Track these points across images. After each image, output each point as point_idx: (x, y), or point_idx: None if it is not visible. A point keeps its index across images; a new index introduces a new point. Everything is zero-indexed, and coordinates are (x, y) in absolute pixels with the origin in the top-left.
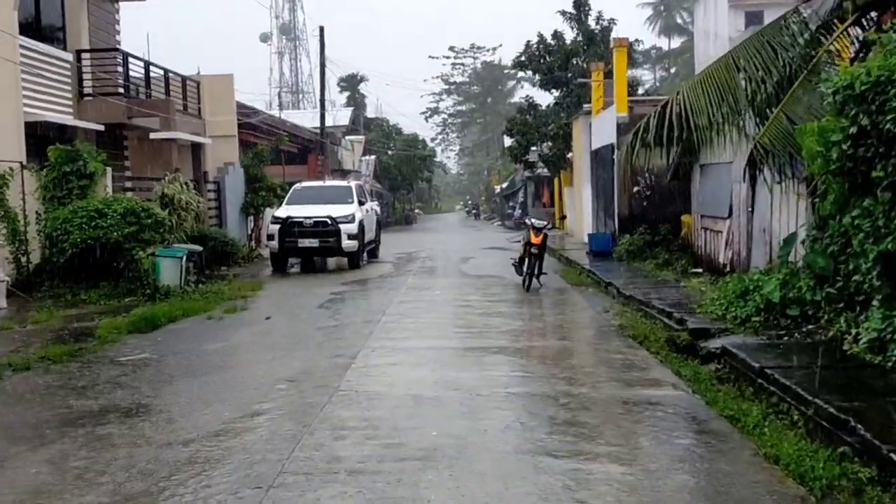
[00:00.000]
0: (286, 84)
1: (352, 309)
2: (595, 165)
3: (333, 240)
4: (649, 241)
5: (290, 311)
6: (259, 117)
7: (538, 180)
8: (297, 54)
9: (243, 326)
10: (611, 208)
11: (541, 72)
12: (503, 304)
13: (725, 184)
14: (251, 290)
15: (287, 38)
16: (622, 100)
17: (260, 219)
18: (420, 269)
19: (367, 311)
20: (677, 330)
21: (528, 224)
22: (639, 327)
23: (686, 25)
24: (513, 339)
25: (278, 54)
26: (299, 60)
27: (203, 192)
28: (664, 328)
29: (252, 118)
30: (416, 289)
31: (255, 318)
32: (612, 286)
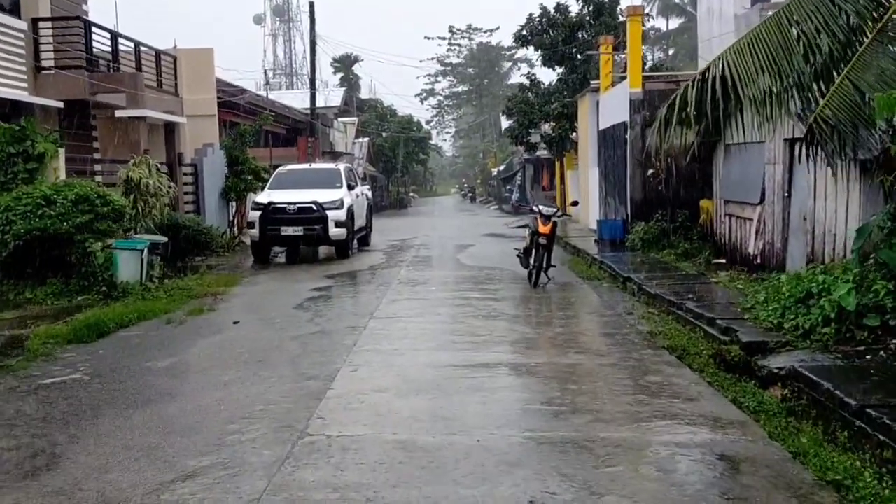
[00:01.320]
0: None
1: (336, 310)
2: (603, 146)
3: (320, 227)
4: (666, 229)
5: (264, 312)
6: (246, 97)
7: (537, 163)
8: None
9: (205, 334)
10: (622, 193)
11: (543, 47)
12: (508, 303)
13: (756, 165)
14: (225, 286)
15: (280, 19)
16: (636, 74)
17: (242, 204)
18: (414, 260)
19: (352, 312)
20: (724, 342)
21: (536, 211)
22: (674, 336)
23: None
24: (523, 351)
25: (272, 36)
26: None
27: (177, 176)
28: (705, 338)
29: (238, 98)
30: (410, 284)
31: (221, 322)
32: (632, 282)
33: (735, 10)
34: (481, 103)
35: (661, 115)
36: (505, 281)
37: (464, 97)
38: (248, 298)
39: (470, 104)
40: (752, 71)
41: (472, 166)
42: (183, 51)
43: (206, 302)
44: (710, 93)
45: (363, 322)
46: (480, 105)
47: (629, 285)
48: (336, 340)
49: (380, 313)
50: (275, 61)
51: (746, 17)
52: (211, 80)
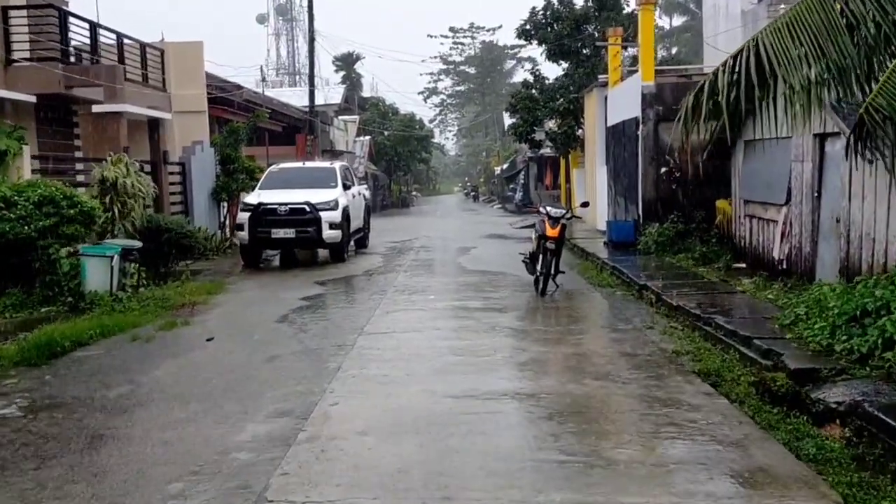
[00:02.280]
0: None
1: (323, 324)
2: (612, 143)
3: (313, 230)
4: (681, 231)
5: (243, 326)
6: (242, 94)
7: (541, 161)
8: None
9: (173, 354)
10: (633, 192)
11: (547, 41)
12: (513, 314)
13: (781, 163)
14: (206, 294)
15: (283, 18)
16: (648, 66)
17: (234, 205)
18: (413, 263)
19: (340, 326)
20: (766, 366)
21: (543, 213)
22: (704, 358)
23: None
24: (532, 377)
25: (275, 35)
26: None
27: (162, 176)
28: (741, 360)
29: (231, 94)
30: (407, 291)
31: (194, 339)
32: (649, 290)
33: (742, 6)
34: (484, 102)
35: (685, 104)
36: (509, 288)
37: (466, 96)
38: (228, 309)
39: (473, 103)
40: (793, 54)
41: (475, 165)
42: (171, 44)
43: (181, 314)
44: (745, 78)
45: (352, 339)
46: (483, 103)
47: (646, 294)
48: (318, 363)
49: (371, 327)
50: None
51: (754, 13)
52: (200, 74)
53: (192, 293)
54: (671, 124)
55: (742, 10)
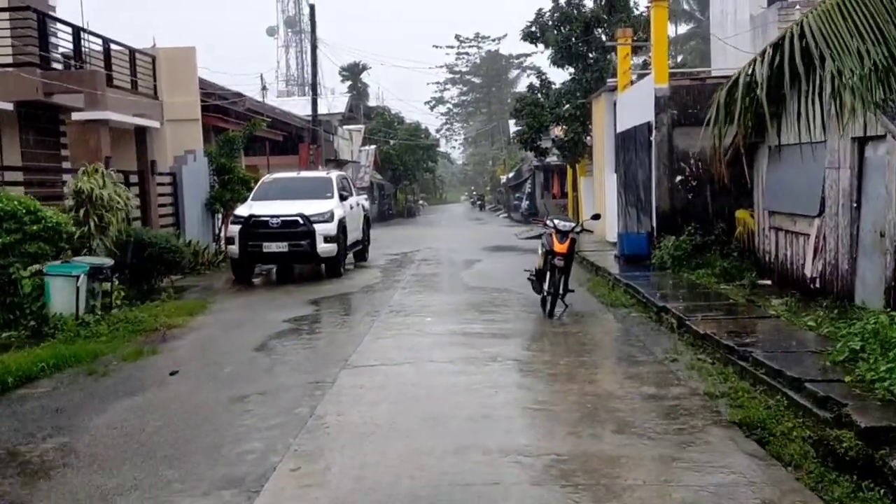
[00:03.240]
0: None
1: (304, 353)
2: (622, 150)
3: (306, 243)
4: (699, 244)
5: (215, 356)
6: (245, 103)
7: (547, 169)
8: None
9: (126, 393)
10: (645, 202)
11: (554, 44)
12: (518, 342)
13: (813, 170)
14: (186, 315)
15: (292, 30)
16: (662, 68)
17: (229, 217)
18: (412, 279)
19: (323, 356)
20: (823, 418)
21: (550, 226)
22: (745, 403)
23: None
24: (540, 430)
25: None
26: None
27: (149, 187)
28: (790, 408)
29: (229, 102)
30: (402, 312)
31: (156, 373)
32: (669, 313)
33: (751, 10)
34: (490, 111)
35: (716, 101)
36: (514, 308)
37: (472, 105)
38: (205, 334)
39: (479, 112)
40: (845, 39)
41: (482, 174)
42: (162, 50)
43: (152, 340)
44: (789, 67)
45: (333, 373)
46: (489, 112)
47: (666, 318)
48: (289, 406)
49: (358, 358)
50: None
51: (763, 17)
52: (193, 81)
53: (170, 314)
54: (686, 129)
55: (751, 14)
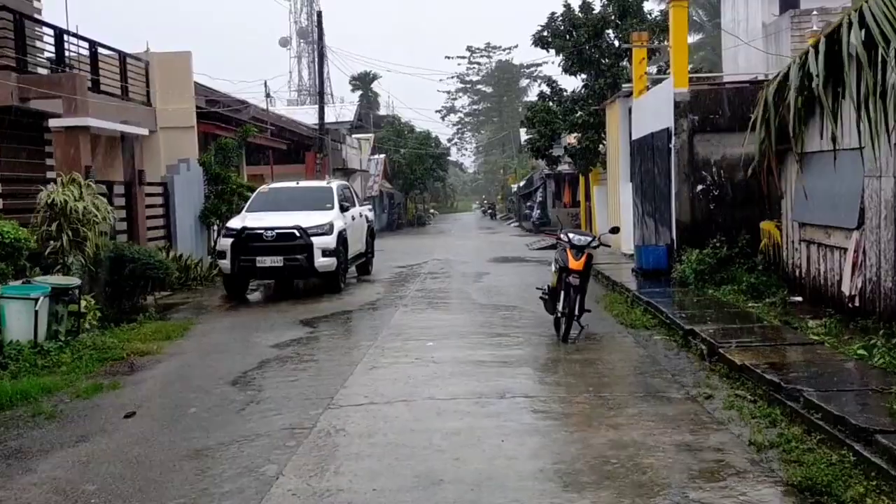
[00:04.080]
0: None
1: (284, 388)
2: (638, 158)
3: (303, 257)
4: (723, 258)
5: (183, 392)
6: (250, 111)
7: (559, 178)
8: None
9: (69, 441)
10: (664, 213)
11: (565, 49)
12: (529, 372)
13: (850, 179)
14: (163, 340)
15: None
16: (682, 70)
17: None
18: (417, 295)
19: (306, 392)
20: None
21: (565, 240)
22: (801, 458)
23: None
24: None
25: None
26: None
27: (136, 198)
28: (858, 465)
29: (226, 109)
30: (402, 335)
31: (111, 414)
32: (697, 337)
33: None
34: (501, 119)
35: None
36: (526, 329)
37: (483, 115)
38: (179, 363)
39: (490, 121)
40: None
41: (493, 182)
42: (156, 55)
43: (118, 370)
44: (847, 57)
45: (313, 416)
46: (501, 121)
47: (694, 343)
48: (251, 465)
49: (345, 395)
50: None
51: (776, 24)
52: (188, 87)
53: (145, 338)
54: (708, 136)
55: (763, 22)
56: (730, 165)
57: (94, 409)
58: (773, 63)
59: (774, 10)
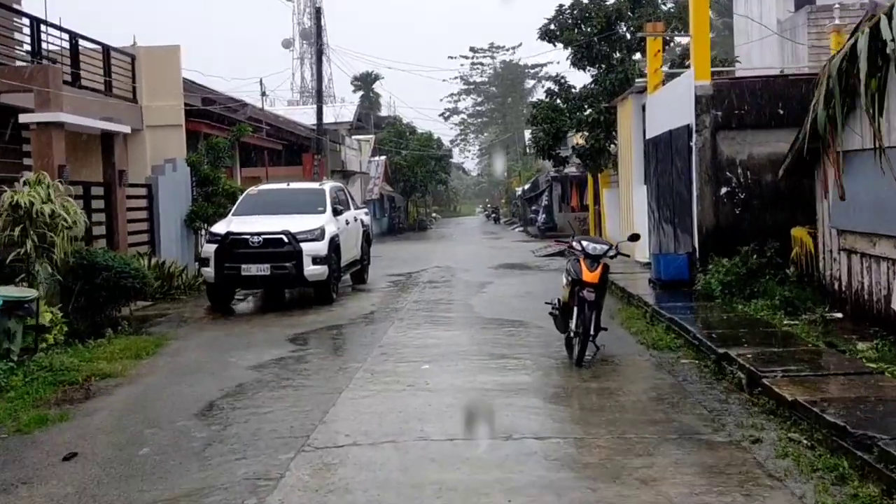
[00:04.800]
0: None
1: (255, 422)
2: (653, 158)
3: (291, 265)
4: (753, 268)
5: (138, 426)
6: (247, 111)
7: (565, 181)
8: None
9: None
10: (684, 218)
11: (574, 42)
12: (540, 405)
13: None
14: (132, 359)
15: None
16: (703, 62)
17: None
18: (414, 307)
19: (278, 429)
20: None
21: (578, 249)
22: None
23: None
24: None
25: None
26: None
27: (115, 201)
28: None
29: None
30: (395, 355)
31: (49, 455)
32: (734, 363)
33: (778, 15)
34: (505, 122)
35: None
36: (533, 349)
37: (487, 116)
38: (142, 388)
39: (494, 123)
40: None
41: (497, 185)
42: (143, 49)
43: (73, 396)
44: None
45: (283, 461)
46: (504, 123)
47: (730, 370)
48: None
49: (323, 433)
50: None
51: (792, 20)
52: (176, 83)
53: (111, 357)
54: (732, 133)
55: (778, 19)
56: (757, 165)
57: (31, 447)
58: (790, 61)
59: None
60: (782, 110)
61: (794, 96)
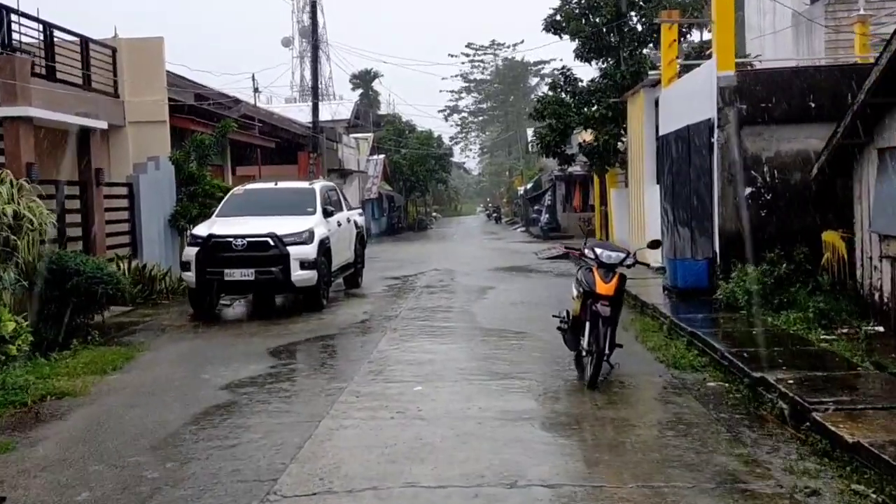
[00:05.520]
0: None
1: (216, 459)
2: (667, 157)
3: (277, 270)
4: (782, 277)
5: (83, 462)
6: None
7: (569, 180)
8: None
9: None
10: (703, 220)
11: (581, 34)
12: (549, 441)
13: None
14: (97, 374)
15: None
16: (727, 51)
17: None
18: (409, 315)
19: (242, 471)
20: None
21: (591, 257)
22: None
23: None
24: None
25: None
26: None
27: (92, 200)
28: None
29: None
30: (384, 374)
31: None
32: (774, 390)
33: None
34: (507, 120)
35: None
36: (539, 367)
37: (488, 114)
38: (99, 411)
39: (495, 122)
40: None
41: (498, 185)
42: (125, 41)
43: (23, 420)
44: None
45: None
46: (506, 122)
47: (769, 397)
48: None
49: (292, 477)
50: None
51: (809, 12)
52: (160, 77)
53: (74, 372)
54: (758, 129)
55: (793, 12)
56: (784, 164)
57: None
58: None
59: None
60: (813, 103)
61: (828, 88)
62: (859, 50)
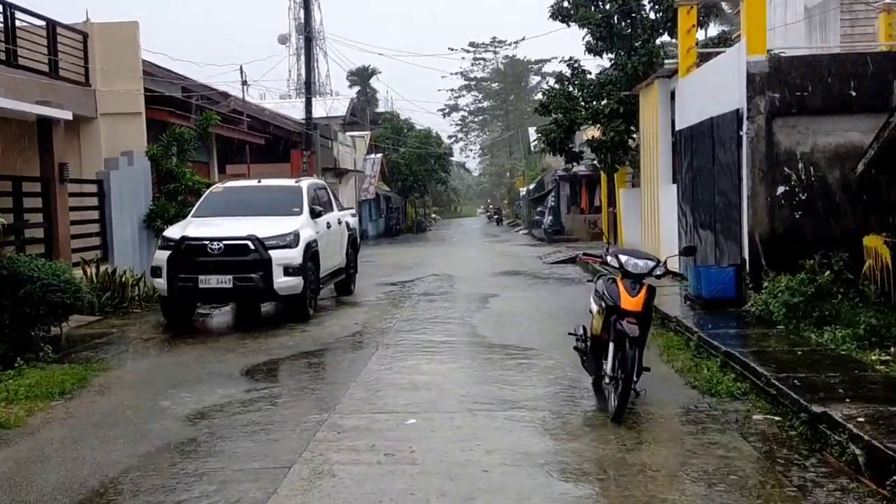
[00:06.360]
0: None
1: None
2: (686, 153)
3: (258, 276)
4: (823, 287)
5: None
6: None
7: (574, 180)
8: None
9: None
10: (729, 223)
11: (590, 21)
12: (568, 500)
13: None
14: (41, 399)
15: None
16: (758, 33)
17: None
18: (404, 327)
19: None
20: None
21: (615, 265)
22: None
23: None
24: None
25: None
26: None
27: (56, 200)
28: None
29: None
30: (372, 402)
31: None
32: (840, 429)
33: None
34: (507, 119)
35: None
36: (550, 392)
37: (489, 113)
38: (28, 452)
39: (496, 120)
40: None
41: (499, 186)
42: (97, 25)
43: None
44: None
45: None
46: (507, 121)
47: (835, 438)
48: None
49: None
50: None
51: (822, 6)
52: (135, 65)
53: (13, 397)
54: (793, 120)
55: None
56: (822, 159)
57: None
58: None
59: None
60: (855, 92)
61: (871, 76)
62: (885, 38)
